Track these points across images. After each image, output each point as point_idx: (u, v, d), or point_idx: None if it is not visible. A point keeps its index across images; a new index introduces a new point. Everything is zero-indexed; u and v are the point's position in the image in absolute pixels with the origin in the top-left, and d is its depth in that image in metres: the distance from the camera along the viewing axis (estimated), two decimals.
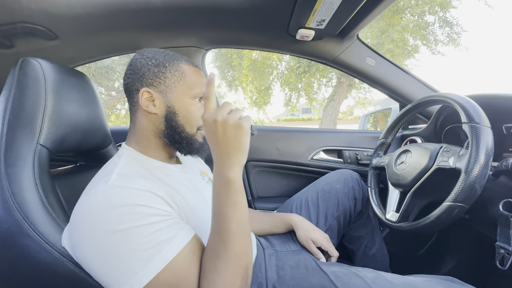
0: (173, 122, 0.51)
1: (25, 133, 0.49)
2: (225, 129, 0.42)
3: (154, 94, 0.50)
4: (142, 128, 0.52)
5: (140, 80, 0.50)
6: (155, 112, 0.50)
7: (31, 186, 0.46)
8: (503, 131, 0.71)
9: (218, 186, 0.43)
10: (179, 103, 0.51)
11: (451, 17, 5.36)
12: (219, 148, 0.43)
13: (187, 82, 0.52)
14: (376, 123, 3.24)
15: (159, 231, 0.38)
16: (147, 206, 0.39)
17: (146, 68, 0.50)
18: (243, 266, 0.41)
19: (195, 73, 0.54)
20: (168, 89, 0.51)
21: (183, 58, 0.55)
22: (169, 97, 0.51)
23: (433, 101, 0.71)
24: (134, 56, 0.53)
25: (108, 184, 0.41)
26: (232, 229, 0.41)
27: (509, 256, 0.51)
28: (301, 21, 0.80)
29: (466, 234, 0.93)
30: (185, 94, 0.52)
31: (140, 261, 0.36)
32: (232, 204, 0.42)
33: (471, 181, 0.50)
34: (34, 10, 0.72)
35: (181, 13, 0.81)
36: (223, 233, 0.41)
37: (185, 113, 0.52)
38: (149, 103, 0.50)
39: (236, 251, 0.40)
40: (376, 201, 0.79)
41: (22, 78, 0.51)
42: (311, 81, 7.26)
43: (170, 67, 0.51)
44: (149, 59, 0.51)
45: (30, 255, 0.42)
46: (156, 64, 0.51)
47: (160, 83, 0.50)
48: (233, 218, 0.41)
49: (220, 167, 0.43)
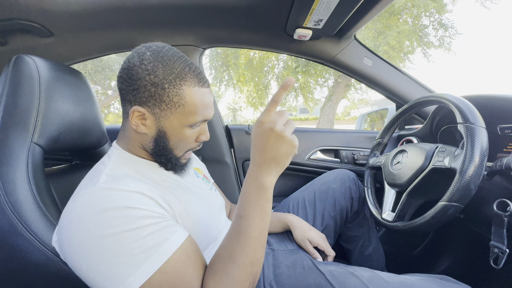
0: (162, 144, 0.48)
1: (18, 131, 0.49)
2: (278, 141, 0.41)
3: (147, 114, 0.45)
4: (132, 139, 0.50)
5: (134, 93, 0.44)
6: (145, 132, 0.47)
7: (24, 185, 0.46)
8: (498, 131, 0.72)
9: (250, 190, 0.42)
10: (172, 130, 0.47)
11: (446, 19, 5.42)
12: (264, 155, 0.41)
13: (186, 110, 0.46)
14: (373, 123, 3.26)
15: (150, 235, 0.37)
16: (137, 208, 0.38)
17: (142, 83, 0.44)
18: (253, 274, 0.41)
19: (198, 98, 0.47)
20: (163, 114, 0.46)
21: (190, 73, 0.46)
22: (162, 122, 0.46)
23: (429, 102, 0.71)
24: (133, 57, 0.45)
25: (96, 187, 0.40)
26: (254, 235, 0.41)
27: (503, 255, 0.52)
28: (299, 21, 0.80)
29: (461, 234, 0.94)
30: (181, 122, 0.47)
31: (130, 267, 0.35)
32: (260, 210, 0.42)
33: (466, 181, 0.51)
34: (29, 7, 0.71)
35: (178, 11, 0.81)
36: (244, 237, 0.40)
37: (177, 140, 0.49)
38: (139, 121, 0.46)
39: (252, 258, 0.40)
40: (373, 200, 0.80)
41: (16, 75, 0.51)
42: (308, 81, 7.29)
43: (169, 89, 0.44)
44: (148, 72, 0.43)
45: (22, 255, 0.42)
46: (154, 83, 0.44)
47: (155, 105, 0.45)
48: (257, 224, 0.41)
49: (258, 172, 0.42)
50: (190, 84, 0.46)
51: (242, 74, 7.63)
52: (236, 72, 7.75)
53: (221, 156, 1.13)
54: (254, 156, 0.43)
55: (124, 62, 0.46)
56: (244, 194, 0.43)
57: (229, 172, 1.14)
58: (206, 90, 0.49)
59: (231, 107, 18.11)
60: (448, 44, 5.66)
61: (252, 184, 0.43)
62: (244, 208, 0.42)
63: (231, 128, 1.20)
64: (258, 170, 0.42)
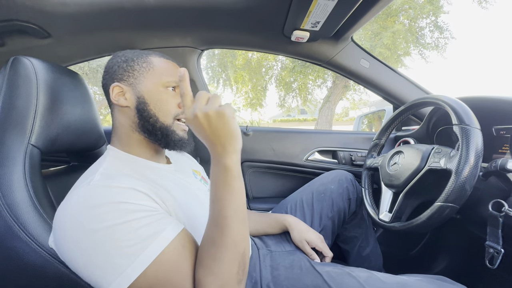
0: (144, 113, 0.51)
1: (15, 133, 0.48)
2: (209, 121, 0.41)
3: (124, 87, 0.51)
4: (120, 125, 0.53)
5: (112, 77, 0.52)
6: (127, 105, 0.51)
7: (21, 186, 0.45)
8: (493, 132, 0.73)
9: (215, 174, 0.43)
10: (148, 92, 0.51)
11: (442, 22, 5.48)
12: (210, 140, 0.42)
13: (156, 71, 0.52)
14: (371, 124, 3.28)
15: (145, 226, 0.37)
16: (130, 202, 0.38)
17: (116, 66, 0.52)
18: (239, 252, 0.40)
19: (165, 63, 0.54)
20: (137, 81, 0.51)
21: (154, 53, 0.55)
22: (138, 88, 0.51)
23: (425, 103, 0.72)
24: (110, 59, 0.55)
25: (90, 185, 0.40)
26: (229, 214, 0.41)
27: (498, 255, 0.53)
28: (296, 23, 0.80)
29: (457, 234, 0.95)
30: (154, 82, 0.52)
31: (127, 258, 0.35)
32: (229, 189, 0.42)
33: (462, 181, 0.51)
34: (27, 8, 0.71)
35: (175, 12, 0.81)
36: (220, 219, 0.40)
37: (156, 102, 0.51)
38: (119, 97, 0.51)
39: (233, 236, 0.40)
40: (370, 201, 0.80)
41: (13, 77, 0.50)
42: (306, 82, 7.31)
43: (138, 60, 0.52)
44: (119, 57, 0.53)
45: (19, 257, 0.42)
46: (125, 60, 0.52)
47: (129, 76, 0.51)
48: (230, 204, 0.41)
49: (217, 157, 0.43)
50: (155, 56, 0.54)
51: (240, 75, 7.64)
52: (234, 73, 7.77)
53: None
54: (207, 147, 0.44)
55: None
56: (212, 180, 0.43)
57: None
58: (171, 62, 0.56)
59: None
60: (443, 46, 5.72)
61: (215, 168, 0.43)
62: (213, 192, 0.42)
63: None
64: (215, 155, 0.43)
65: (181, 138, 0.54)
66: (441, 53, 5.79)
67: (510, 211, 0.52)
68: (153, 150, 0.55)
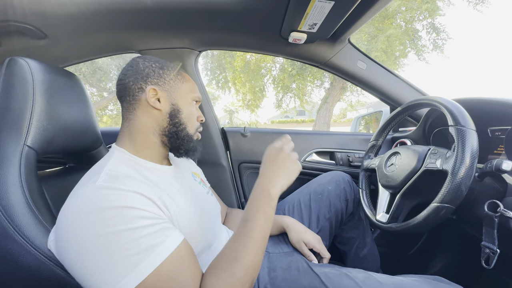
0: (176, 119, 0.54)
1: (11, 134, 0.48)
2: (286, 159, 0.53)
3: (159, 92, 0.53)
4: (142, 126, 0.53)
5: (145, 79, 0.53)
6: (160, 108, 0.52)
7: (16, 188, 0.45)
8: (488, 133, 0.73)
9: (258, 197, 0.49)
10: (183, 102, 0.55)
11: (438, 23, 5.53)
12: (273, 168, 0.52)
13: (188, 85, 0.57)
14: (368, 126, 3.29)
15: (146, 236, 0.37)
16: (135, 208, 0.39)
17: (150, 69, 0.53)
18: (253, 276, 0.44)
19: (190, 79, 0.60)
20: (173, 89, 0.54)
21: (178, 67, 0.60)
22: (173, 96, 0.54)
23: (421, 104, 0.73)
24: (135, 58, 0.56)
25: (95, 185, 0.40)
26: (257, 238, 0.45)
27: (494, 256, 0.53)
28: (293, 25, 0.80)
29: (454, 235, 0.95)
30: (187, 95, 0.56)
31: (125, 268, 0.35)
32: (264, 215, 0.47)
33: (457, 182, 0.51)
34: (24, 9, 0.71)
35: (173, 14, 0.81)
36: (248, 239, 0.45)
37: (188, 112, 0.56)
38: (155, 100, 0.52)
39: (253, 259, 0.44)
40: (367, 202, 0.80)
41: (9, 77, 0.50)
42: (304, 83, 7.34)
43: (172, 70, 0.56)
44: (152, 62, 0.55)
45: (14, 260, 0.41)
46: (160, 66, 0.55)
47: (164, 83, 0.54)
48: (261, 228, 0.46)
49: (267, 182, 0.50)
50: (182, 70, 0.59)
51: (238, 77, 7.65)
52: (232, 74, 7.78)
53: (217, 159, 1.13)
54: (265, 169, 0.52)
55: (124, 69, 0.55)
56: (252, 200, 0.50)
57: (225, 174, 1.14)
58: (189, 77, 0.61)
59: (227, 109, 18.12)
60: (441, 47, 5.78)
61: (260, 191, 0.50)
62: (251, 212, 0.48)
63: (227, 130, 1.20)
64: (267, 181, 0.50)
65: (196, 146, 0.58)
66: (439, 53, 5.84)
67: (505, 211, 0.52)
68: (160, 153, 0.56)
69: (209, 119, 1.10)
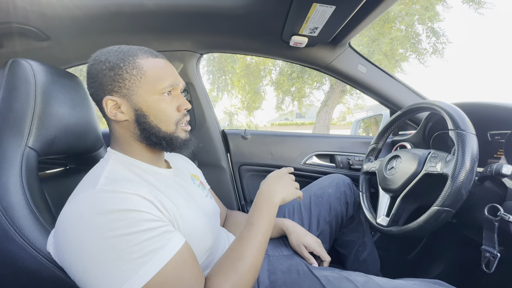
0: (145, 125, 0.48)
1: (12, 135, 0.48)
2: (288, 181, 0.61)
3: (118, 100, 0.47)
4: (120, 136, 0.51)
5: (101, 88, 0.47)
6: (125, 119, 0.48)
7: (17, 189, 0.45)
8: (488, 137, 0.74)
9: (263, 203, 0.55)
10: (146, 103, 0.48)
11: (438, 27, 5.57)
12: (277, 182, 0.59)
13: (149, 78, 0.47)
14: (368, 129, 3.30)
15: (148, 240, 0.37)
16: (137, 210, 0.38)
17: (102, 74, 0.46)
18: (255, 276, 0.47)
19: (157, 66, 0.49)
20: (130, 91, 0.47)
21: (140, 51, 0.49)
22: (134, 100, 0.47)
23: (421, 108, 0.73)
24: (88, 62, 0.49)
25: (96, 189, 0.40)
26: (261, 240, 0.50)
27: (494, 260, 0.53)
28: (295, 28, 0.81)
29: (454, 238, 0.95)
30: (149, 92, 0.48)
31: (127, 272, 0.35)
32: (268, 221, 0.53)
33: (457, 186, 0.52)
34: (27, 11, 0.71)
35: (175, 17, 0.82)
36: (253, 241, 0.49)
37: (156, 112, 0.48)
38: (116, 111, 0.47)
39: (257, 260, 0.48)
40: (367, 205, 0.80)
41: (11, 79, 0.50)
42: (304, 86, 7.37)
43: (126, 66, 0.46)
44: (102, 63, 0.47)
45: (14, 261, 0.41)
46: (110, 67, 0.46)
47: (120, 86, 0.46)
48: (264, 232, 0.51)
49: (271, 191, 0.57)
50: (142, 57, 0.48)
51: (238, 80, 7.69)
52: (233, 77, 7.80)
53: (217, 161, 1.13)
54: (269, 181, 0.59)
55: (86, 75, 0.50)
56: (257, 206, 0.55)
57: (225, 176, 1.14)
58: (161, 60, 0.51)
59: (227, 111, 18.15)
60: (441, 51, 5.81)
61: (265, 199, 0.55)
62: (256, 217, 0.53)
63: (228, 132, 1.20)
64: (271, 190, 0.57)
65: (184, 141, 0.53)
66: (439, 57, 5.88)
67: (505, 215, 0.52)
68: (154, 155, 0.54)
69: (210, 121, 1.11)
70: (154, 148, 0.53)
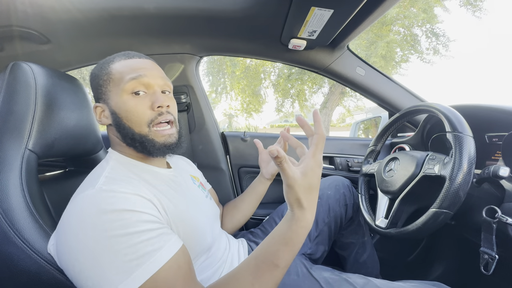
0: (120, 127, 0.50)
1: (13, 137, 0.49)
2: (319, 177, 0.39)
3: (102, 106, 0.51)
4: (112, 139, 0.54)
5: (94, 97, 0.54)
6: (109, 123, 0.51)
7: (17, 192, 0.45)
8: (486, 140, 0.74)
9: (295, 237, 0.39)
10: (117, 105, 0.49)
11: (438, 28, 5.60)
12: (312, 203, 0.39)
13: (115, 80, 0.49)
14: (367, 131, 3.31)
15: (144, 242, 0.37)
16: (135, 211, 0.38)
17: (93, 83, 0.53)
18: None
19: (123, 66, 0.50)
20: (106, 96, 0.50)
21: (118, 56, 0.52)
22: (109, 104, 0.50)
23: (419, 111, 0.73)
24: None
25: (95, 188, 0.40)
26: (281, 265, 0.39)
27: (492, 262, 0.53)
28: (293, 32, 0.82)
29: (453, 240, 0.95)
30: (117, 93, 0.49)
31: (122, 273, 0.35)
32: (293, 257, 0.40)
33: (455, 188, 0.52)
34: (28, 14, 0.72)
35: (175, 20, 0.82)
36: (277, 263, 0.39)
37: (125, 113, 0.49)
38: (102, 117, 0.52)
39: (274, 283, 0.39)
40: (366, 207, 0.81)
41: (12, 82, 0.51)
42: (303, 88, 7.39)
43: (101, 74, 0.51)
44: (91, 75, 0.53)
45: (14, 263, 0.41)
46: (93, 77, 0.52)
47: (99, 93, 0.51)
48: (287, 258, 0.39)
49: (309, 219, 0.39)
50: (116, 61, 0.51)
51: (237, 82, 7.71)
52: (232, 79, 7.83)
53: (216, 163, 1.13)
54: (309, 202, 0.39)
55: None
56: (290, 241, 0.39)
57: (225, 178, 1.14)
58: (133, 60, 0.52)
59: (227, 113, 18.16)
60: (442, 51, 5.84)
61: (299, 230, 0.39)
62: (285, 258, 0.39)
63: (227, 135, 1.20)
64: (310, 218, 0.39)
65: (162, 145, 0.50)
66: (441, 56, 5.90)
67: (503, 217, 0.52)
68: (147, 156, 0.53)
69: (209, 124, 1.11)
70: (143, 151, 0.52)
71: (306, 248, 0.75)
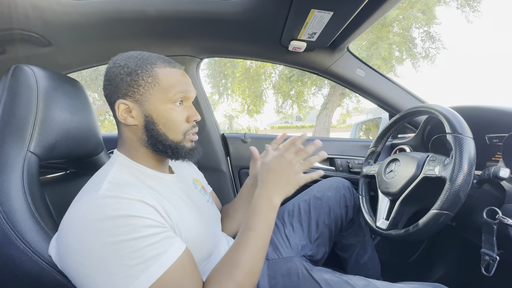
0: (153, 132, 0.49)
1: (14, 140, 0.49)
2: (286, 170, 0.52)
3: (131, 104, 0.48)
4: (127, 139, 0.52)
5: (116, 91, 0.48)
6: (134, 123, 0.49)
7: (19, 194, 0.45)
8: (486, 141, 0.74)
9: (262, 207, 0.50)
10: (156, 111, 0.49)
11: (434, 31, 5.62)
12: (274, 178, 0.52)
13: (162, 87, 0.49)
14: (368, 132, 3.31)
15: (149, 246, 0.37)
16: (139, 216, 0.39)
17: (119, 78, 0.48)
18: (253, 284, 0.45)
19: (171, 75, 0.50)
20: (143, 98, 0.48)
21: (159, 59, 0.51)
22: (145, 106, 0.48)
23: (420, 112, 0.73)
24: (108, 64, 0.50)
25: (98, 194, 0.40)
26: (259, 246, 0.47)
27: (493, 263, 0.53)
28: (293, 33, 0.82)
29: (454, 242, 0.95)
30: (161, 100, 0.49)
31: (128, 278, 0.35)
32: (267, 225, 0.49)
33: (456, 189, 0.52)
34: (29, 17, 0.72)
35: (175, 23, 0.83)
36: (251, 247, 0.46)
37: (165, 121, 0.49)
38: (126, 115, 0.49)
39: (255, 267, 0.45)
40: (367, 209, 0.80)
41: (14, 85, 0.51)
42: (303, 89, 7.41)
43: (143, 74, 0.48)
44: (121, 67, 0.48)
45: (15, 265, 0.41)
46: (128, 72, 0.48)
47: (134, 92, 0.48)
48: (264, 237, 0.48)
49: (271, 193, 0.51)
50: (160, 66, 0.50)
51: (238, 84, 7.73)
52: (233, 80, 7.85)
53: (217, 164, 1.13)
54: (266, 179, 0.52)
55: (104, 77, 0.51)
56: (255, 209, 0.50)
57: (225, 180, 1.14)
58: (178, 70, 0.53)
59: (227, 115, 18.19)
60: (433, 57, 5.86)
61: (263, 202, 0.50)
62: (254, 222, 0.48)
63: (228, 136, 1.20)
64: (271, 192, 0.51)
65: (190, 150, 0.53)
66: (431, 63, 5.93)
67: (504, 218, 0.52)
68: (159, 161, 0.55)
69: (210, 125, 1.11)
70: (160, 155, 0.53)
71: (307, 250, 0.75)
